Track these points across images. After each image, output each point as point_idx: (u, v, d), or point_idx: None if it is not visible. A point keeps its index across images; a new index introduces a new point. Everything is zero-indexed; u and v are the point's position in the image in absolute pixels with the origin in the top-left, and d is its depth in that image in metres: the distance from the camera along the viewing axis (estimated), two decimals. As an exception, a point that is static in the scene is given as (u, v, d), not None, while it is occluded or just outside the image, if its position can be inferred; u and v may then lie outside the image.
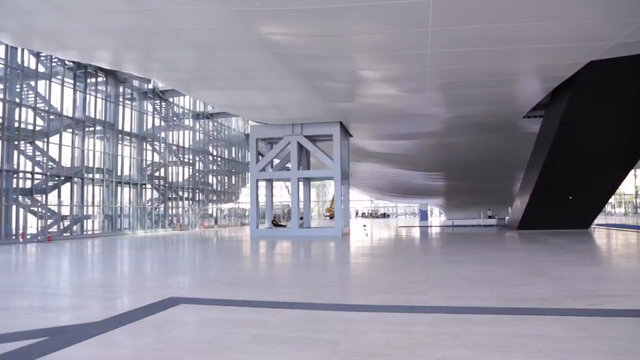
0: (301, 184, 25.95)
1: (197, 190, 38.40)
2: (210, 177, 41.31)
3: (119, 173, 29.03)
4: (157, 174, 33.48)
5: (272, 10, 10.88)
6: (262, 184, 26.81)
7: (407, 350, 4.07)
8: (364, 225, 36.27)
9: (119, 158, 29.11)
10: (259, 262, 12.62)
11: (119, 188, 29.09)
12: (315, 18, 11.31)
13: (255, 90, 17.73)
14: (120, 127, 29.14)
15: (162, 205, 33.75)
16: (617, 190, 32.21)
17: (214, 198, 41.38)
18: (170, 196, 34.70)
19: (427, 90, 16.90)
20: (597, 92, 16.24)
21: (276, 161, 28.65)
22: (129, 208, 30.38)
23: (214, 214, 42.06)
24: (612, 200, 58.71)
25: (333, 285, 8.00)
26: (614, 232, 21.73)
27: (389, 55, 13.95)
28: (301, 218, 26.60)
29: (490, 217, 35.56)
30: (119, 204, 28.99)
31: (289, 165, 25.02)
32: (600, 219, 30.52)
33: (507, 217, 30.71)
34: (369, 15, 11.14)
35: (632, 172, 41.21)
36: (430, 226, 34.28)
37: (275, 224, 28.64)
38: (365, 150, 29.94)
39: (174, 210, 35.54)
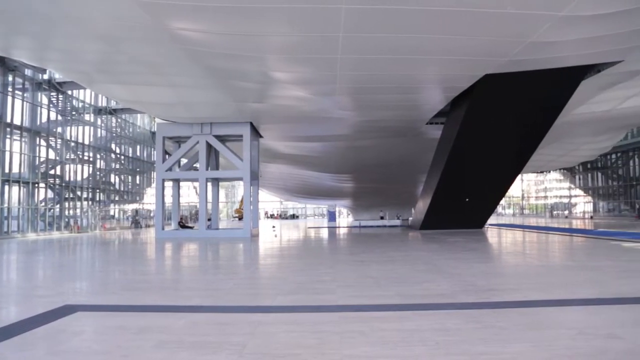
0: (209, 184, 25.33)
1: (98, 190, 36.10)
2: (112, 176, 39.01)
3: (7, 170, 26.45)
4: (52, 172, 30.95)
5: (182, 4, 10.52)
6: (169, 184, 25.83)
7: (315, 349, 4.12)
8: (273, 226, 36.23)
9: (7, 154, 26.53)
10: (163, 265, 12.13)
11: (7, 187, 26.51)
12: (228, 16, 11.11)
13: (164, 86, 17.04)
14: (8, 120, 26.57)
15: (58, 205, 31.30)
16: (507, 193, 35.08)
17: (117, 198, 39.15)
18: (67, 196, 32.26)
19: (337, 94, 17.26)
20: (491, 103, 17.55)
21: (184, 161, 27.74)
22: (19, 209, 27.80)
23: (117, 215, 39.79)
24: (502, 202, 63.75)
25: (240, 287, 7.89)
26: (504, 231, 23.65)
27: (301, 58, 14.07)
28: (209, 219, 25.97)
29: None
30: (5, 205, 26.42)
31: (197, 165, 24.33)
32: (492, 219, 33.05)
33: (410, 218, 32.26)
34: (283, 17, 11.17)
35: (519, 176, 45.08)
36: (338, 227, 35.05)
37: (182, 225, 27.73)
38: (275, 151, 29.93)
39: (71, 212, 33.09)
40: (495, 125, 18.78)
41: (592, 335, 4.40)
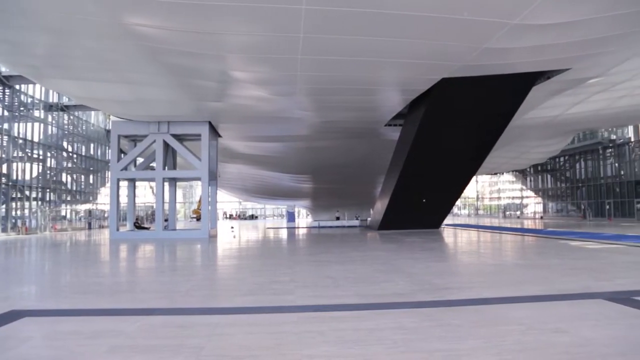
0: (166, 184, 24.82)
1: (48, 190, 34.68)
2: (64, 175, 37.56)
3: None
4: (-3, 170, 29.50)
5: (138, -1, 10.28)
6: (124, 184, 25.14)
7: (273, 350, 4.11)
8: (232, 227, 35.88)
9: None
10: (118, 267, 11.80)
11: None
12: (185, 13, 10.90)
13: (119, 83, 16.56)
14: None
15: (4, 206, 29.87)
16: (462, 194, 36.07)
17: (68, 198, 37.74)
18: (14, 196, 30.83)
19: (297, 95, 17.27)
20: (448, 106, 17.97)
21: (140, 160, 27.05)
22: (-40, 209, 26.38)
23: (69, 216, 38.34)
24: (458, 202, 65.36)
25: (198, 288, 7.77)
26: (460, 231, 24.28)
27: (261, 58, 13.99)
28: (166, 220, 25.44)
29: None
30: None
31: (153, 164, 23.79)
32: (448, 220, 33.85)
33: (369, 219, 32.62)
34: (243, 16, 11.07)
35: (474, 178, 46.36)
36: (298, 227, 35.05)
37: (138, 226, 27.06)
38: (234, 151, 29.64)
39: (18, 212, 31.64)
40: (452, 128, 19.24)
41: (540, 330, 4.59)
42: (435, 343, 4.23)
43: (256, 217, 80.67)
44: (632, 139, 41.92)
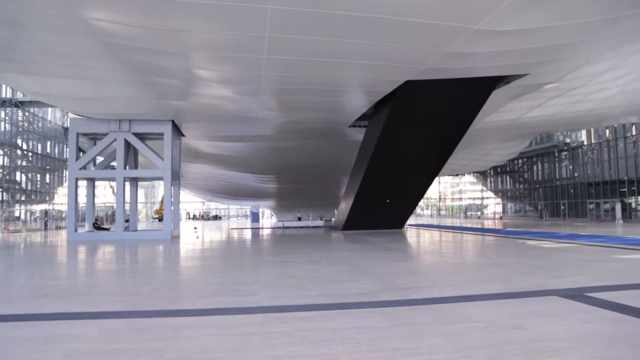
0: (127, 184, 24.22)
1: (1, 189, 33.26)
2: (18, 174, 36.10)
3: None
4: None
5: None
6: (83, 184, 24.38)
7: (237, 352, 4.08)
8: (195, 228, 35.36)
9: None
10: (76, 270, 11.45)
11: None
12: (148, 8, 10.68)
13: (78, 79, 16.03)
14: None
15: (-48, 206, 28.48)
16: (425, 195, 36.76)
17: (23, 198, 36.30)
18: (-38, 195, 29.44)
19: (262, 95, 17.19)
20: (411, 108, 18.27)
21: (100, 159, 26.31)
22: None
23: (23, 217, 36.87)
24: (421, 203, 66.47)
25: (160, 290, 7.63)
26: (422, 231, 24.70)
27: (226, 57, 13.85)
28: (127, 220, 24.82)
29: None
30: None
31: (114, 163, 23.18)
32: (411, 220, 34.41)
33: (333, 219, 32.78)
34: (207, 14, 10.92)
35: (436, 179, 47.21)
36: (262, 228, 34.88)
37: (97, 227, 26.26)
38: (197, 150, 29.21)
39: (-33, 212, 30.24)
40: (415, 130, 19.56)
41: (499, 327, 4.72)
42: (398, 342, 4.30)
43: (220, 218, 79.79)
44: (585, 143, 43.67)
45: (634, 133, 38.03)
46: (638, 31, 14.76)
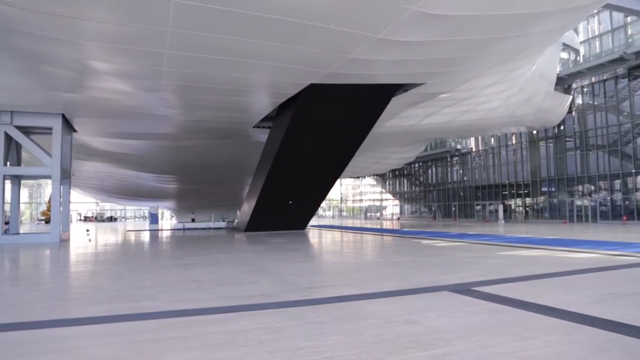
0: (8, 182, 22.02)
1: None
2: None
3: None
4: None
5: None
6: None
7: (132, 360, 3.89)
8: (87, 230, 33.11)
9: None
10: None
11: None
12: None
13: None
14: None
15: None
16: (327, 196, 37.67)
17: None
18: None
19: (163, 91, 16.52)
20: (315, 111, 18.59)
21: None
22: None
23: None
24: (323, 204, 67.89)
25: (46, 299, 7.02)
26: (324, 232, 25.22)
27: (124, 49, 13.09)
28: (7, 223, 22.55)
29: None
30: None
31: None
32: (313, 221, 35.00)
33: (236, 220, 32.37)
34: (105, 1, 10.29)
35: (338, 181, 48.42)
36: (161, 230, 33.51)
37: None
38: (91, 147, 27.34)
39: None
40: (318, 132, 19.94)
41: (394, 322, 4.97)
42: (300, 341, 4.35)
43: (115, 219, 75.40)
44: (474, 149, 47.31)
45: (513, 142, 41.93)
46: (520, 50, 16.36)
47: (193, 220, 37.47)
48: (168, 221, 63.98)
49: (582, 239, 16.82)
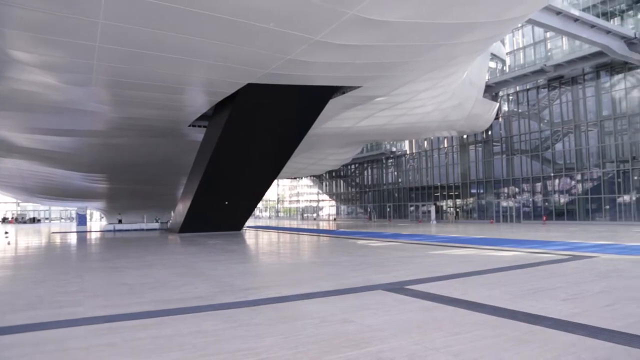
0: None
1: None
2: None
3: None
4: None
5: None
6: None
7: (55, 369, 3.68)
8: (6, 232, 30.97)
9: None
10: None
11: None
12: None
13: None
14: None
15: None
16: (264, 197, 37.47)
17: None
18: None
19: (93, 86, 15.75)
20: (252, 111, 18.44)
21: None
22: None
23: None
24: (260, 205, 67.48)
25: (-42, 306, 6.50)
26: (261, 233, 25.05)
27: (51, 40, 12.33)
28: None
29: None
30: None
31: None
32: (250, 222, 34.68)
33: (170, 221, 31.45)
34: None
35: (275, 181, 48.32)
36: (90, 231, 31.95)
37: None
38: (12, 144, 25.56)
39: None
40: (255, 132, 19.79)
41: (331, 321, 5.02)
42: (236, 343, 4.30)
43: (39, 221, 71.04)
44: (408, 152, 48.76)
45: (445, 146, 43.64)
46: (452, 58, 17.06)
47: (120, 222, 36.02)
48: (98, 222, 61.09)
49: (507, 238, 17.78)
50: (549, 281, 7.44)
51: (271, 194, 73.27)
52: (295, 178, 67.72)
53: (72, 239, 23.54)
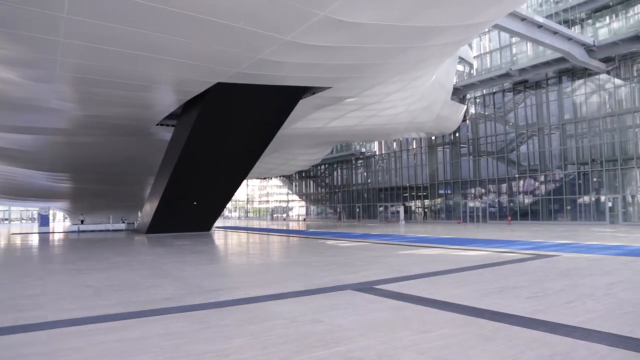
0: None
1: None
2: None
3: None
4: None
5: None
6: None
7: (15, 374, 3.56)
8: (-37, 233, 29.78)
9: None
10: None
11: None
12: None
13: None
14: None
15: None
16: (233, 197, 37.18)
17: None
18: None
19: (56, 82, 15.29)
20: (221, 111, 18.26)
21: None
22: None
23: None
24: (229, 205, 66.89)
25: None
26: (230, 233, 24.84)
27: (11, 33, 11.91)
28: None
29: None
30: None
31: None
32: (219, 222, 34.33)
33: (136, 222, 30.86)
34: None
35: (244, 181, 48.02)
36: (53, 232, 31.03)
37: None
38: (-31, 141, 24.63)
39: None
40: (224, 132, 19.61)
41: (300, 322, 5.02)
42: (205, 345, 4.25)
43: (-3, 221, 68.51)
44: (377, 153, 49.19)
45: (414, 147, 44.22)
46: (422, 60, 17.30)
47: (82, 222, 35.10)
48: (61, 223, 59.31)
49: (474, 238, 18.15)
50: (514, 280, 7.63)
51: (240, 194, 72.81)
52: (264, 178, 67.41)
53: (34, 240, 22.81)
